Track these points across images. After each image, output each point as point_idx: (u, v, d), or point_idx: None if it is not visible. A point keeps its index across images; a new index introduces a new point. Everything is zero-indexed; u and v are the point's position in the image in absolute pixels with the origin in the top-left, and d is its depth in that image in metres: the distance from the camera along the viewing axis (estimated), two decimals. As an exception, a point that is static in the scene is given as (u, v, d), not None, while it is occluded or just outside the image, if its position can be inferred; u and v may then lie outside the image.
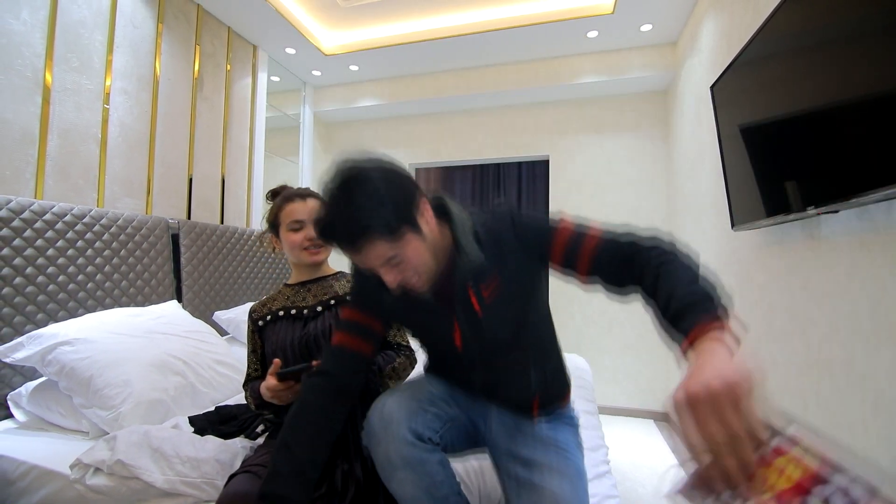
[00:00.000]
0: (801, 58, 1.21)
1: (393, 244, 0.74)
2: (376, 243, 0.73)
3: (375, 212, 0.72)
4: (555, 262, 0.84)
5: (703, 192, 2.30)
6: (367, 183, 0.73)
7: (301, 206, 1.18)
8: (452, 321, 0.87)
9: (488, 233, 0.85)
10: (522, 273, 0.86)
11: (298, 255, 1.19)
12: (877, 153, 0.94)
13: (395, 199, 0.74)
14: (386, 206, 0.73)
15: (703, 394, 0.45)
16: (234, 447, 1.17)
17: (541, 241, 0.84)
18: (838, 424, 1.20)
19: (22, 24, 1.68)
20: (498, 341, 0.88)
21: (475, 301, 0.84)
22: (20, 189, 1.69)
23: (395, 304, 0.89)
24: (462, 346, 0.88)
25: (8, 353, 1.43)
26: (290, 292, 1.25)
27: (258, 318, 1.23)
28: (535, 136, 3.46)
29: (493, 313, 0.85)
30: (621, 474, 2.22)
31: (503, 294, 0.85)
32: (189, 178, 2.44)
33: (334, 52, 3.10)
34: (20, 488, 1.21)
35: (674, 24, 2.66)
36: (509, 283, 0.85)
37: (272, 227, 1.23)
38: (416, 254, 0.78)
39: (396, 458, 0.82)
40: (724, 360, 0.50)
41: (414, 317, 0.93)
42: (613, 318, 3.19)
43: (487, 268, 0.83)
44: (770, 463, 0.42)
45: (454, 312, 0.86)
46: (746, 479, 0.42)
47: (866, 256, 1.10)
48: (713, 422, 0.44)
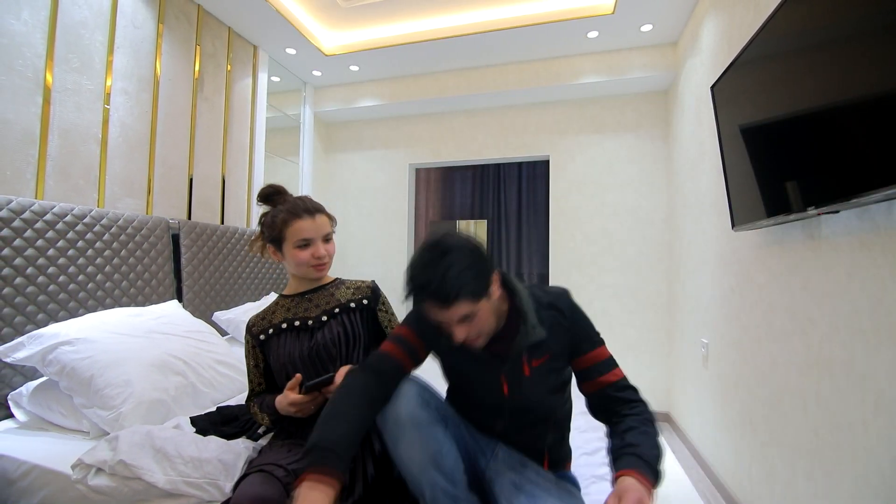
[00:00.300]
0: (801, 58, 1.21)
1: (472, 307, 0.87)
2: (461, 304, 0.86)
3: (466, 279, 0.85)
4: (576, 365, 1.02)
5: (704, 192, 2.30)
6: (461, 253, 0.88)
7: (310, 223, 1.15)
8: (500, 376, 0.99)
9: (547, 312, 1.00)
10: (563, 353, 1.01)
11: (305, 270, 1.17)
12: (877, 153, 0.94)
13: (481, 269, 0.89)
14: (474, 275, 0.87)
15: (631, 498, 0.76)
16: (237, 448, 1.17)
17: (582, 343, 1.01)
18: (838, 424, 1.20)
19: (23, 25, 1.68)
20: (532, 402, 1.00)
21: (526, 367, 0.98)
22: (21, 189, 1.69)
23: (449, 345, 0.97)
24: (508, 394, 0.99)
25: (8, 352, 1.43)
26: (289, 304, 1.22)
27: (259, 333, 1.20)
28: (535, 136, 3.46)
29: (535, 379, 0.99)
30: (622, 474, 2.22)
31: (548, 368, 0.99)
32: (189, 179, 2.45)
33: (334, 53, 3.11)
34: (21, 488, 1.21)
35: (674, 24, 2.66)
36: (554, 359, 1.00)
37: (273, 241, 1.18)
38: (485, 316, 0.92)
39: (405, 417, 0.90)
40: (641, 491, 0.79)
41: (463, 362, 1.02)
42: (615, 318, 3.19)
43: (545, 344, 0.98)
44: None
45: (503, 369, 0.98)
46: None
47: (867, 257, 1.10)
48: None
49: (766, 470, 1.61)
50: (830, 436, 1.24)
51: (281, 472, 0.94)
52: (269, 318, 1.21)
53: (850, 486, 1.15)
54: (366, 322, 1.22)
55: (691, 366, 2.55)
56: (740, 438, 1.84)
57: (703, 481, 2.16)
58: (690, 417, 2.56)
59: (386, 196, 3.82)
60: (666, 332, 3.11)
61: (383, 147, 3.85)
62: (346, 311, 1.20)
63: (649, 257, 3.16)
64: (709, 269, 2.25)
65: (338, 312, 1.19)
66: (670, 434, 2.81)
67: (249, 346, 1.22)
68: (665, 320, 3.11)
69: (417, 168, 3.99)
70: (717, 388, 2.12)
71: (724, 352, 2.05)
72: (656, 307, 3.14)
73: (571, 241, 3.34)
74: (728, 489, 1.93)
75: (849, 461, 1.16)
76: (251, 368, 1.22)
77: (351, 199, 3.88)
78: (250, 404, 1.21)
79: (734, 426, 1.91)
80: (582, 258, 3.31)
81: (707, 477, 2.18)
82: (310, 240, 1.15)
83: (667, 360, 3.09)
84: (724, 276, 2.03)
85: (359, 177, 3.91)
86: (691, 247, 2.55)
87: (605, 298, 3.23)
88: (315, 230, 1.15)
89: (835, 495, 1.22)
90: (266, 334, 1.19)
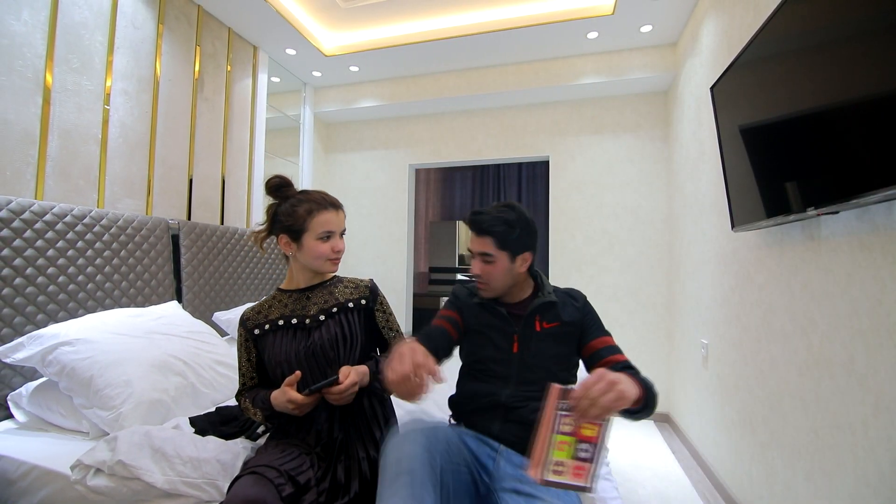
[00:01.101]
0: (801, 58, 1.21)
1: (494, 250, 1.13)
2: (486, 240, 1.13)
3: (501, 226, 1.12)
4: (585, 351, 1.16)
5: (704, 193, 2.30)
6: (518, 215, 1.15)
7: (334, 217, 1.16)
8: (513, 334, 1.15)
9: (564, 296, 1.21)
10: (572, 333, 1.16)
11: (321, 264, 1.16)
12: (877, 154, 0.94)
13: (520, 233, 1.14)
14: (510, 229, 1.12)
15: (608, 378, 0.80)
16: (235, 448, 1.17)
17: (591, 330, 1.17)
18: (838, 425, 1.20)
19: (23, 25, 1.68)
20: (536, 360, 1.13)
21: (538, 324, 1.15)
22: (21, 190, 1.69)
23: (478, 307, 1.22)
24: (518, 350, 1.14)
25: (8, 353, 1.43)
26: (287, 299, 1.20)
27: (254, 327, 1.18)
28: (535, 137, 3.46)
29: (544, 340, 1.14)
30: (622, 476, 2.22)
31: (557, 333, 1.15)
32: (189, 179, 2.45)
33: (334, 53, 3.11)
34: (21, 488, 1.21)
35: (674, 25, 2.67)
36: (563, 330, 1.16)
37: (288, 230, 1.15)
38: (501, 269, 1.15)
39: (405, 466, 0.89)
40: (626, 381, 0.84)
41: (484, 321, 1.20)
42: (614, 319, 3.19)
43: (554, 311, 1.17)
44: (589, 422, 0.80)
45: (517, 329, 1.15)
46: (581, 416, 0.79)
47: (867, 257, 1.10)
48: (601, 389, 0.79)
49: (766, 470, 1.61)
50: (830, 436, 1.24)
51: (273, 473, 0.94)
52: (264, 313, 1.19)
53: (850, 486, 1.15)
54: (363, 322, 1.21)
55: (691, 366, 2.55)
56: (740, 439, 1.84)
57: (703, 482, 2.16)
58: (690, 418, 2.56)
59: (386, 196, 3.82)
60: (666, 333, 3.11)
61: (383, 147, 3.85)
62: (345, 310, 1.19)
63: (649, 258, 3.17)
64: (709, 269, 2.25)
65: (336, 312, 1.18)
66: (670, 434, 2.81)
67: (242, 340, 1.19)
68: (665, 321, 3.11)
69: (417, 168, 3.99)
70: (717, 388, 2.12)
71: (724, 352, 2.05)
72: (656, 308, 3.14)
73: (571, 242, 3.34)
74: (728, 489, 1.93)
75: (849, 461, 1.16)
76: (243, 362, 1.20)
77: (351, 199, 3.88)
78: (241, 399, 1.19)
79: (734, 426, 1.91)
80: (582, 258, 3.31)
81: (707, 477, 2.18)
82: (332, 233, 1.15)
83: (667, 360, 3.09)
84: (724, 277, 2.03)
85: (358, 177, 3.91)
86: (691, 247, 2.55)
87: (604, 299, 3.22)
88: (338, 224, 1.17)
89: (834, 496, 1.22)
90: (261, 329, 1.17)
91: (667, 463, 2.40)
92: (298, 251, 1.16)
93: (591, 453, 0.79)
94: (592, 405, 0.77)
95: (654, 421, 3.05)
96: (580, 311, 1.18)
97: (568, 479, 0.79)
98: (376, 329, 1.25)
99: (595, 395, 0.77)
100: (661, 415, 3.06)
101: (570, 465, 0.79)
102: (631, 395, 0.82)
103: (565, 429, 0.80)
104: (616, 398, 0.78)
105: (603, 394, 0.77)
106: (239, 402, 1.20)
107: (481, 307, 1.21)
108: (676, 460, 2.42)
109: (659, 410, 3.06)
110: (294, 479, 0.96)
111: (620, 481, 2.15)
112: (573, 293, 1.23)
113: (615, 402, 0.78)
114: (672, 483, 2.17)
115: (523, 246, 1.15)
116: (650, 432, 2.85)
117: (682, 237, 2.75)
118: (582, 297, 1.23)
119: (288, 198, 1.17)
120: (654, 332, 3.13)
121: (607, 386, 0.78)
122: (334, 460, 1.07)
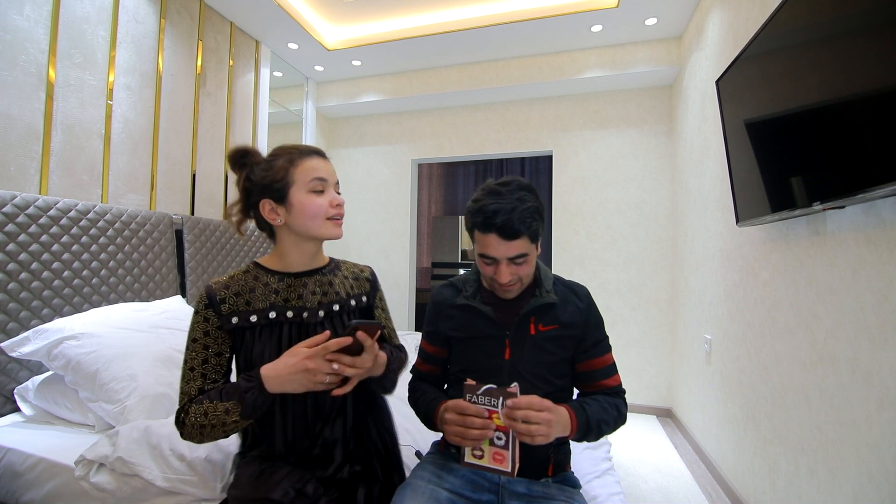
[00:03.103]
0: (807, 52, 1.20)
1: (529, 247, 0.94)
2: (522, 241, 0.91)
3: (532, 217, 0.91)
4: (580, 367, 1.03)
5: (708, 188, 2.29)
6: (535, 195, 0.94)
7: (322, 163, 0.93)
8: (504, 338, 1.01)
9: (566, 293, 1.04)
10: (572, 336, 1.01)
11: (320, 225, 0.91)
12: (884, 148, 0.93)
13: (542, 215, 0.95)
14: (538, 216, 0.93)
15: (547, 418, 0.83)
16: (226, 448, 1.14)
17: (592, 336, 1.02)
18: (842, 421, 1.20)
19: (25, 20, 1.68)
20: (529, 367, 0.99)
21: (532, 327, 1.00)
22: (25, 185, 1.69)
23: (462, 312, 1.05)
24: (509, 357, 1.00)
25: (14, 347, 1.44)
26: (277, 284, 0.93)
27: (231, 313, 0.87)
28: (538, 132, 3.44)
29: (539, 343, 1.00)
30: (624, 470, 2.22)
31: (554, 337, 1.00)
32: (192, 174, 2.45)
33: (337, 48, 3.10)
34: (28, 481, 1.23)
35: (679, 18, 2.64)
36: (561, 333, 1.00)
37: (269, 190, 0.89)
38: (531, 263, 0.97)
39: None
40: (560, 425, 0.86)
41: (473, 327, 1.04)
42: (617, 314, 3.19)
43: (553, 312, 1.01)
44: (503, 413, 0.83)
45: (508, 332, 1.01)
46: (506, 417, 0.82)
47: (873, 252, 1.09)
48: (536, 421, 0.81)
49: (769, 466, 1.61)
50: (834, 432, 1.24)
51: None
52: (244, 296, 0.89)
53: (854, 482, 1.15)
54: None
55: (694, 362, 2.55)
56: (743, 434, 1.84)
57: (706, 476, 2.16)
58: (693, 413, 2.56)
59: (388, 191, 3.82)
60: (669, 329, 3.10)
61: (386, 142, 3.84)
62: (347, 309, 1.00)
63: (652, 253, 3.15)
64: (713, 264, 2.24)
65: (338, 310, 0.97)
66: (672, 429, 2.81)
67: (210, 326, 0.86)
68: (668, 316, 3.10)
69: (420, 163, 3.98)
70: (720, 384, 2.11)
71: (727, 348, 2.04)
72: (659, 303, 3.13)
73: (574, 237, 3.33)
74: (730, 484, 1.93)
75: (852, 458, 1.16)
76: (206, 358, 0.86)
77: (353, 194, 3.88)
78: (190, 410, 0.81)
79: (737, 422, 1.91)
80: (584, 254, 3.31)
81: (709, 472, 2.18)
82: (324, 181, 0.91)
83: (670, 356, 3.09)
84: (728, 272, 2.02)
85: (361, 172, 3.90)
86: (695, 242, 2.54)
87: (607, 295, 3.22)
88: (328, 171, 0.93)
89: (838, 492, 1.21)
90: (242, 318, 0.87)
91: (669, 458, 2.40)
92: (288, 215, 0.90)
93: (506, 441, 0.83)
94: (514, 423, 0.81)
95: (657, 416, 3.05)
96: (583, 312, 1.03)
97: (488, 462, 0.84)
98: None
99: (525, 419, 0.80)
100: (664, 410, 3.06)
101: (489, 451, 0.85)
102: (553, 437, 0.84)
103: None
104: (537, 435, 0.80)
105: (535, 425, 0.80)
106: (181, 419, 0.82)
107: (467, 311, 1.04)
108: (679, 455, 2.43)
109: (661, 405, 3.07)
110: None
111: (623, 476, 2.15)
112: (577, 289, 1.06)
113: (534, 438, 0.80)
114: (674, 478, 2.17)
115: (543, 223, 0.97)
116: (653, 427, 2.85)
117: (685, 232, 2.74)
118: (586, 295, 1.07)
119: (258, 163, 0.93)
120: (657, 328, 3.13)
121: (540, 427, 0.80)
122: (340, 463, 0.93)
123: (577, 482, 1.06)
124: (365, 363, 0.84)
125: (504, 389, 0.84)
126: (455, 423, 0.85)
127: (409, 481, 0.96)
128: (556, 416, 0.84)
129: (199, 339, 0.86)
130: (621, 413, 0.98)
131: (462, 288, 1.07)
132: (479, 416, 0.84)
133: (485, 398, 0.84)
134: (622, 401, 1.01)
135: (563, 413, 0.87)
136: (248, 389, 0.80)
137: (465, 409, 0.85)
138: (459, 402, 0.87)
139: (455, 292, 1.08)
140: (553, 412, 0.83)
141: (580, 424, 0.90)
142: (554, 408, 0.85)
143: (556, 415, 0.84)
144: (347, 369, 0.81)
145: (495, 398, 0.84)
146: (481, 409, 0.84)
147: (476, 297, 1.05)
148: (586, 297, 1.06)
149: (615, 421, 0.96)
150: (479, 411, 0.84)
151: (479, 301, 1.04)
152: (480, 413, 0.84)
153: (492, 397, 0.84)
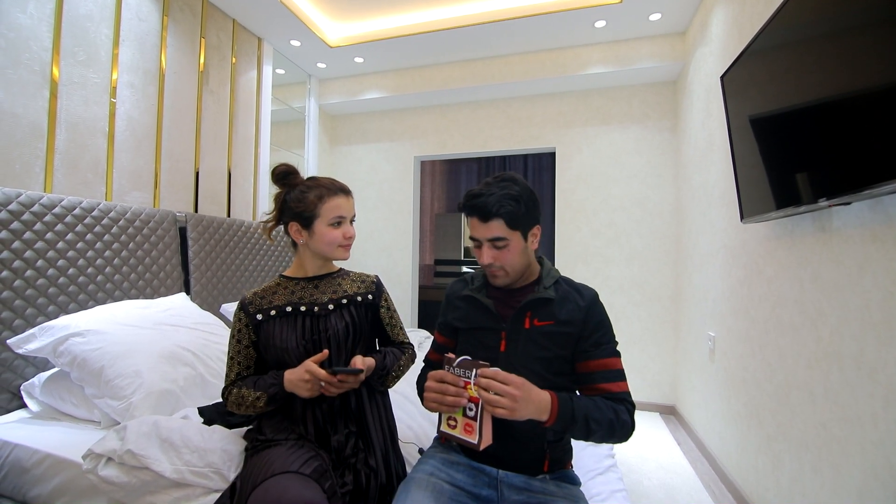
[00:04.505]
0: (813, 47, 1.19)
1: (506, 232, 0.98)
2: (496, 224, 0.98)
3: (509, 204, 0.97)
4: (582, 368, 1.01)
5: (712, 184, 2.27)
6: (521, 186, 1.00)
7: (345, 202, 1.15)
8: (501, 333, 1.04)
9: (568, 292, 1.06)
10: (569, 333, 1.01)
11: (333, 250, 1.15)
12: (890, 144, 0.92)
13: (527, 206, 1.00)
14: (517, 205, 0.98)
15: (520, 395, 0.85)
16: (239, 438, 1.19)
17: (591, 343, 1.01)
18: (847, 418, 1.19)
19: (28, 18, 1.69)
20: (522, 361, 1.00)
21: (528, 322, 1.02)
22: (30, 183, 1.70)
23: (466, 302, 1.11)
24: (505, 350, 1.03)
25: (21, 344, 1.45)
26: (294, 287, 1.17)
27: (256, 312, 1.12)
28: (541, 128, 3.43)
29: (533, 337, 1.01)
30: (627, 467, 2.22)
31: (549, 332, 1.01)
32: (196, 172, 2.45)
33: (339, 45, 3.09)
34: (35, 476, 1.24)
35: (683, 13, 2.62)
36: (556, 329, 1.01)
37: (299, 217, 1.13)
38: (514, 251, 1.01)
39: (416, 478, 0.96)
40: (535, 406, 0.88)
41: (474, 314, 1.09)
42: (620, 312, 3.18)
43: (551, 309, 1.02)
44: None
45: (505, 324, 1.04)
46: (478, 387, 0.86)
47: (879, 249, 1.08)
48: (506, 394, 0.84)
49: (773, 463, 1.61)
50: (839, 429, 1.23)
51: (318, 477, 0.95)
52: (269, 298, 1.14)
53: (858, 479, 1.15)
54: (368, 317, 1.21)
55: (698, 359, 2.54)
56: (747, 431, 1.84)
57: (709, 473, 2.16)
58: (696, 410, 2.55)
59: (391, 188, 3.82)
60: (672, 325, 3.09)
61: (388, 139, 3.84)
62: (354, 303, 1.18)
63: (656, 250, 3.14)
64: (717, 261, 2.23)
65: (346, 303, 1.17)
66: (675, 426, 2.81)
67: (242, 325, 1.12)
68: (671, 313, 3.10)
69: (422, 160, 3.98)
70: (724, 381, 2.11)
71: (731, 345, 2.03)
72: (663, 300, 3.12)
73: (577, 234, 3.33)
74: (733, 481, 1.93)
75: (857, 455, 1.15)
76: (240, 350, 1.12)
77: (356, 191, 3.86)
78: (232, 389, 1.09)
79: (740, 419, 1.90)
80: (587, 250, 3.30)
81: (713, 469, 2.18)
82: (343, 218, 1.14)
83: (673, 353, 3.08)
84: (733, 269, 2.01)
85: (364, 169, 3.90)
86: (699, 239, 2.53)
87: (610, 291, 3.21)
88: (348, 209, 1.16)
89: (842, 489, 1.21)
90: (265, 314, 1.11)
91: (672, 455, 2.40)
92: (310, 238, 1.14)
93: (475, 412, 0.87)
94: (482, 392, 0.85)
95: (660, 413, 3.05)
96: (583, 310, 1.02)
97: (459, 433, 0.88)
98: (379, 325, 1.25)
99: (488, 388, 0.84)
100: (667, 407, 3.06)
101: (461, 421, 0.89)
102: (519, 414, 0.84)
103: None
104: (497, 407, 0.83)
105: (503, 396, 0.83)
106: (226, 396, 1.10)
107: (470, 302, 1.10)
108: (682, 452, 2.43)
109: (665, 402, 3.06)
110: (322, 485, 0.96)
111: (626, 472, 2.15)
112: (582, 290, 1.07)
113: (495, 409, 0.83)
114: (677, 474, 2.17)
115: (533, 220, 1.03)
116: (656, 424, 2.85)
117: (689, 229, 2.73)
118: (591, 296, 1.06)
119: (295, 185, 1.15)
120: (661, 325, 3.12)
121: (502, 399, 0.83)
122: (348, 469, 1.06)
123: (576, 479, 1.06)
124: (343, 388, 1.03)
125: (477, 362, 0.88)
126: (433, 390, 0.91)
127: (413, 475, 1.00)
128: (526, 394, 0.85)
129: (235, 335, 1.13)
130: (620, 418, 0.93)
131: (471, 281, 1.14)
132: (455, 385, 0.89)
133: (460, 370, 0.89)
134: (626, 409, 0.96)
135: (539, 395, 0.88)
136: (272, 385, 1.05)
137: (444, 377, 0.91)
138: (439, 371, 0.93)
139: (464, 285, 1.15)
140: (522, 389, 0.85)
141: (562, 413, 0.88)
142: (524, 385, 0.86)
143: (526, 392, 0.85)
144: (331, 388, 1.01)
145: (469, 370, 0.88)
146: (457, 379, 0.89)
147: (482, 291, 1.10)
148: (590, 297, 1.05)
149: (610, 423, 0.92)
150: (455, 380, 0.89)
151: (484, 294, 1.09)
152: (456, 382, 0.89)
153: (466, 369, 0.88)
